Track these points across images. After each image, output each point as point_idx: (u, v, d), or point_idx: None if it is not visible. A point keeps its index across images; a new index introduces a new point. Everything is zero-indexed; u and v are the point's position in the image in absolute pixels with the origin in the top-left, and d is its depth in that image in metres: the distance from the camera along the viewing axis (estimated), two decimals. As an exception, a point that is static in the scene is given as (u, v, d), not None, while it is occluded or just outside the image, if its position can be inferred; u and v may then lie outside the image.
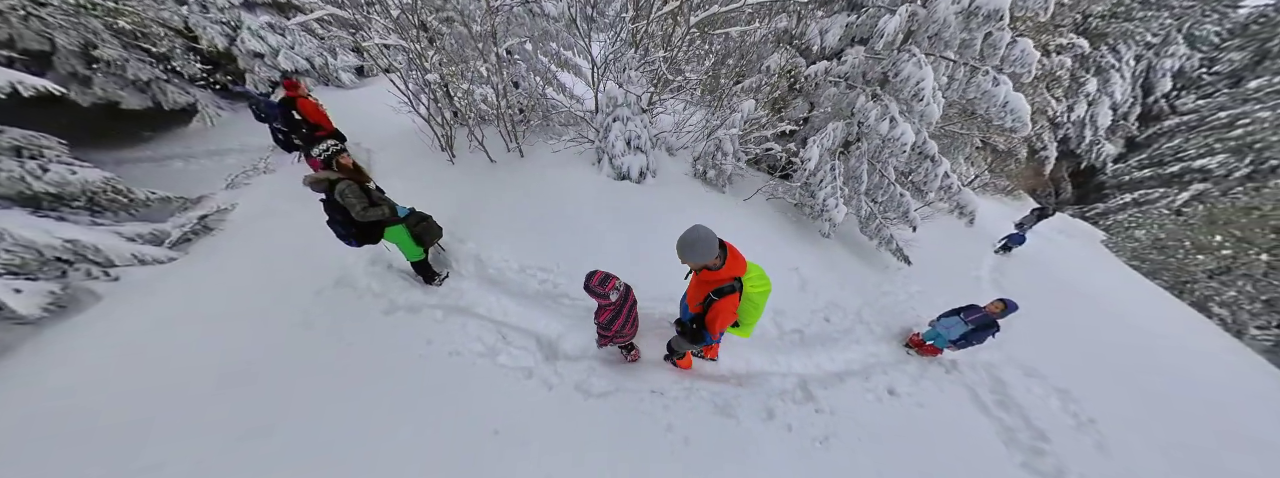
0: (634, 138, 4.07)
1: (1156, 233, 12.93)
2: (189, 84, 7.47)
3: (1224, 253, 10.75)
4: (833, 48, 3.99)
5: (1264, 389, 5.07)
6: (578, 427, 2.22)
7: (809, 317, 3.24)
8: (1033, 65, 3.04)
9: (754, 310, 1.88)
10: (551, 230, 3.53)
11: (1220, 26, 16.33)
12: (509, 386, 2.40)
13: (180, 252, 3.52)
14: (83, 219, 3.30)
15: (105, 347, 2.58)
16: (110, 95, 6.25)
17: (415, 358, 2.54)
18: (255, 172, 5.39)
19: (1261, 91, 14.39)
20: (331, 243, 3.26)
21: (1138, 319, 6.12)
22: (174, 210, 4.05)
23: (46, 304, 2.68)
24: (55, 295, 2.74)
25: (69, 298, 2.85)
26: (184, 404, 2.25)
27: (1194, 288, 10.82)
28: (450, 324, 2.76)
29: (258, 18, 8.10)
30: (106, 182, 3.44)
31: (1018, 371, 3.74)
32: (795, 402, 2.48)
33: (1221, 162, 13.92)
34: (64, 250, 2.89)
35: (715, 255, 1.62)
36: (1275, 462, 3.46)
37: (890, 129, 3.16)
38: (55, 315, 2.72)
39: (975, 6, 2.61)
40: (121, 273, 3.14)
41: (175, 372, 2.42)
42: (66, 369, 2.42)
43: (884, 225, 4.39)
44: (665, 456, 2.13)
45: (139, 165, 6.36)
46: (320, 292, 2.99)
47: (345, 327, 2.74)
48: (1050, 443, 2.89)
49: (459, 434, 2.16)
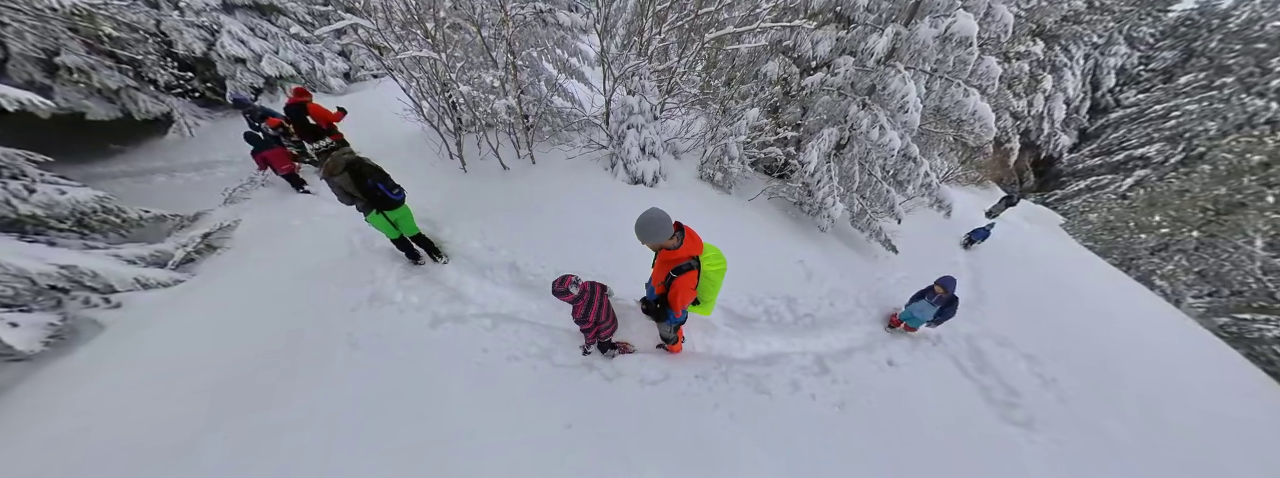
0: (648, 144, 4.45)
1: (1107, 216, 14.45)
2: (163, 92, 7.16)
3: (1163, 232, 12.20)
4: (824, 58, 4.50)
5: (1197, 348, 6.03)
6: (640, 413, 2.47)
7: (817, 302, 3.74)
8: (996, 79, 3.63)
9: (712, 288, 2.04)
10: (579, 235, 3.72)
11: (1154, 28, 18.30)
12: (571, 382, 2.58)
13: (186, 273, 3.31)
14: (74, 242, 3.08)
15: (119, 385, 2.33)
16: (74, 105, 5.98)
17: (475, 367, 2.61)
18: (253, 185, 5.19)
19: (1190, 86, 16.26)
20: (352, 258, 3.32)
21: (1093, 293, 7.03)
22: (170, 229, 3.85)
23: (46, 338, 2.48)
24: (55, 327, 2.54)
25: (69, 329, 2.64)
26: (243, 451, 2.04)
27: (1139, 264, 12.24)
28: (501, 331, 2.85)
29: (237, 20, 7.87)
30: (98, 201, 3.25)
31: (992, 341, 4.38)
32: (814, 375, 2.97)
33: (1159, 149, 15.67)
34: (59, 278, 2.66)
35: (670, 235, 1.75)
36: (1201, 405, 4.24)
37: (880, 136, 3.68)
38: (56, 349, 2.50)
39: (950, 32, 3.14)
40: (124, 299, 2.91)
41: (218, 413, 2.18)
42: (73, 415, 2.17)
43: (873, 219, 4.96)
44: (718, 431, 2.46)
45: (116, 181, 5.96)
46: (355, 309, 2.90)
47: (394, 343, 2.69)
48: (1021, 398, 3.51)
49: (538, 433, 2.31)
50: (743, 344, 3.08)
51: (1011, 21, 3.42)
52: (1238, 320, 9.56)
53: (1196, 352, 5.88)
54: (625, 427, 2.40)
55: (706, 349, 2.98)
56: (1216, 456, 3.51)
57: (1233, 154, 11.95)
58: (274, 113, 5.60)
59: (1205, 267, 11.26)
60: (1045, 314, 5.57)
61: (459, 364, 2.63)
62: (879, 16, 3.90)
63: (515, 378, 2.58)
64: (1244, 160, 11.31)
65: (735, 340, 3.08)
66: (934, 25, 3.26)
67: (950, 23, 3.09)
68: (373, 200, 2.74)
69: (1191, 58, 17.04)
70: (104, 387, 2.37)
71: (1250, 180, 10.89)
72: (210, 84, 7.82)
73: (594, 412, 2.44)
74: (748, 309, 3.29)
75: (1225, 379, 5.28)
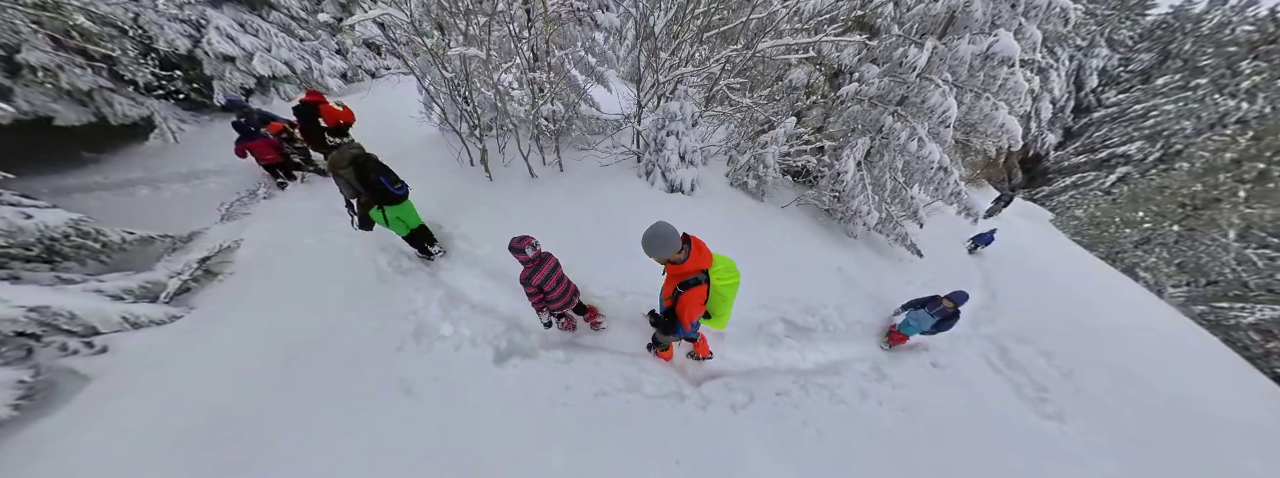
0: (688, 152, 4.58)
1: (1093, 211, 15.48)
2: (142, 94, 6.74)
3: (1145, 226, 13.18)
4: (850, 65, 4.73)
5: (1178, 333, 6.65)
6: (735, 440, 2.47)
7: (862, 309, 3.98)
8: (1022, 93, 3.92)
9: (723, 303, 1.97)
10: (632, 254, 3.75)
11: (1133, 31, 19.55)
12: (667, 414, 2.49)
13: (182, 307, 2.82)
14: (43, 275, 2.60)
15: (108, 456, 1.89)
16: (39, 109, 5.58)
17: (562, 407, 2.40)
18: (253, 198, 4.80)
19: (1166, 87, 17.48)
20: (382, 284, 2.99)
21: (1085, 288, 7.62)
22: (160, 253, 3.32)
23: (16, 400, 2.03)
24: (25, 386, 2.10)
25: (45, 385, 2.19)
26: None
27: (1124, 257, 13.20)
28: (580, 364, 2.66)
29: (225, 15, 7.54)
30: (72, 224, 2.77)
31: (1013, 339, 4.76)
32: (875, 381, 3.22)
33: (1139, 147, 16.82)
34: (28, 322, 2.24)
35: (677, 249, 1.71)
36: (1188, 386, 4.72)
37: (919, 148, 3.94)
38: (28, 412, 2.04)
39: (992, 51, 3.40)
40: (110, 342, 2.44)
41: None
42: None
43: (898, 225, 5.26)
44: (809, 447, 2.53)
45: (91, 195, 5.32)
46: (401, 349, 2.58)
47: (458, 386, 2.40)
48: (1049, 393, 3.86)
49: (653, 473, 2.19)
50: (803, 355, 3.29)
51: (1039, 39, 3.70)
52: (1215, 308, 10.50)
53: (1179, 337, 6.46)
54: (727, 456, 2.36)
55: (774, 363, 3.17)
56: (1212, 441, 3.86)
57: (1207, 152, 12.98)
58: (275, 117, 5.42)
59: (1184, 258, 12.26)
60: (1051, 311, 6.03)
61: (541, 405, 2.39)
62: (910, 28, 4.14)
63: (612, 416, 2.42)
64: (1218, 158, 12.31)
65: (797, 352, 3.29)
66: (973, 41, 3.51)
67: (993, 41, 3.35)
68: (375, 195, 2.73)
69: (1167, 60, 18.33)
70: (90, 459, 1.91)
71: (1224, 177, 11.86)
72: (196, 85, 7.47)
73: (696, 443, 2.38)
74: (806, 320, 3.50)
75: (1206, 360, 5.87)
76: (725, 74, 4.17)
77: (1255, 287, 11.09)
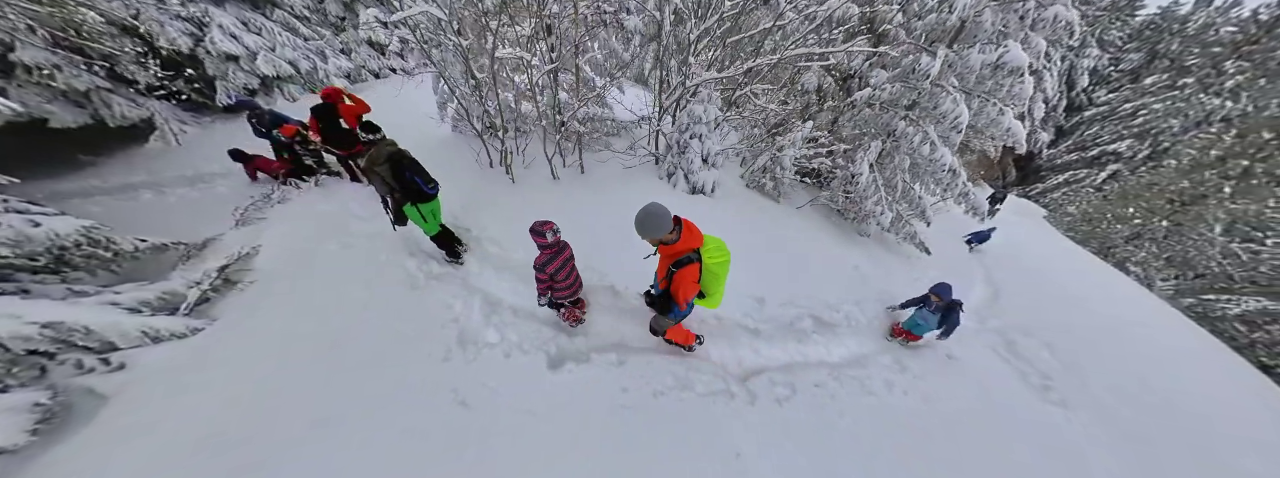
0: (709, 154, 4.79)
1: (1084, 207, 16.11)
2: (141, 94, 6.67)
3: (1135, 222, 13.77)
4: (860, 70, 4.98)
5: (1172, 330, 7.07)
6: (784, 432, 2.62)
7: (877, 304, 4.25)
8: (1027, 99, 4.20)
9: (716, 281, 2.06)
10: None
11: (1122, 31, 20.25)
12: (720, 409, 2.62)
13: (203, 319, 2.68)
14: (54, 288, 2.47)
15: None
16: (34, 110, 5.51)
17: (621, 409, 2.46)
18: (267, 202, 4.63)
19: (1155, 86, 18.18)
20: (415, 291, 2.95)
21: (1080, 282, 8.04)
22: (175, 262, 3.17)
23: (33, 424, 1.92)
24: (42, 408, 1.97)
25: (61, 407, 2.05)
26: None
27: (1115, 252, 13.79)
28: (633, 366, 2.73)
29: (228, 14, 7.52)
30: (83, 232, 2.63)
31: (1019, 332, 5.07)
32: (898, 372, 3.47)
33: (1129, 145, 17.50)
34: (41, 340, 2.12)
35: (668, 230, 1.79)
36: (1184, 383, 5.06)
37: (931, 152, 4.19)
38: (46, 435, 1.92)
39: (1002, 61, 3.66)
40: (128, 358, 2.32)
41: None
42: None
43: (908, 223, 5.54)
44: (844, 439, 2.68)
45: (91, 200, 5.08)
46: (448, 358, 2.53)
47: (514, 395, 2.39)
48: (1053, 381, 4.17)
49: (718, 466, 2.31)
50: (829, 349, 3.53)
51: (1044, 48, 3.98)
52: (1202, 301, 11.07)
53: (1170, 326, 6.92)
54: (779, 448, 2.51)
55: (804, 357, 3.39)
56: (1209, 439, 4.08)
57: (1194, 149, 13.59)
58: (288, 119, 5.39)
59: (1173, 253, 12.87)
60: (1050, 304, 6.39)
61: (604, 409, 2.44)
62: (919, 35, 4.39)
63: (671, 414, 2.51)
64: (1204, 155, 12.91)
65: (824, 347, 3.53)
66: (984, 51, 3.77)
67: (1003, 52, 3.60)
68: (408, 192, 2.85)
69: (1155, 59, 19.07)
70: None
71: (1210, 174, 12.46)
72: (198, 85, 7.43)
73: (749, 437, 2.52)
74: (831, 316, 3.75)
75: (1202, 357, 6.27)
76: (749, 79, 4.36)
77: (1240, 279, 11.70)
